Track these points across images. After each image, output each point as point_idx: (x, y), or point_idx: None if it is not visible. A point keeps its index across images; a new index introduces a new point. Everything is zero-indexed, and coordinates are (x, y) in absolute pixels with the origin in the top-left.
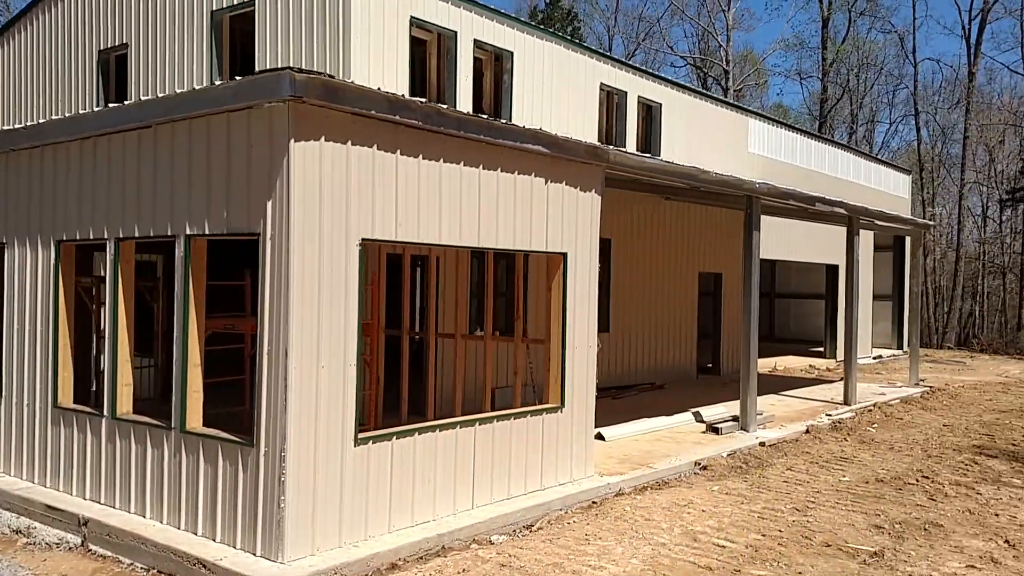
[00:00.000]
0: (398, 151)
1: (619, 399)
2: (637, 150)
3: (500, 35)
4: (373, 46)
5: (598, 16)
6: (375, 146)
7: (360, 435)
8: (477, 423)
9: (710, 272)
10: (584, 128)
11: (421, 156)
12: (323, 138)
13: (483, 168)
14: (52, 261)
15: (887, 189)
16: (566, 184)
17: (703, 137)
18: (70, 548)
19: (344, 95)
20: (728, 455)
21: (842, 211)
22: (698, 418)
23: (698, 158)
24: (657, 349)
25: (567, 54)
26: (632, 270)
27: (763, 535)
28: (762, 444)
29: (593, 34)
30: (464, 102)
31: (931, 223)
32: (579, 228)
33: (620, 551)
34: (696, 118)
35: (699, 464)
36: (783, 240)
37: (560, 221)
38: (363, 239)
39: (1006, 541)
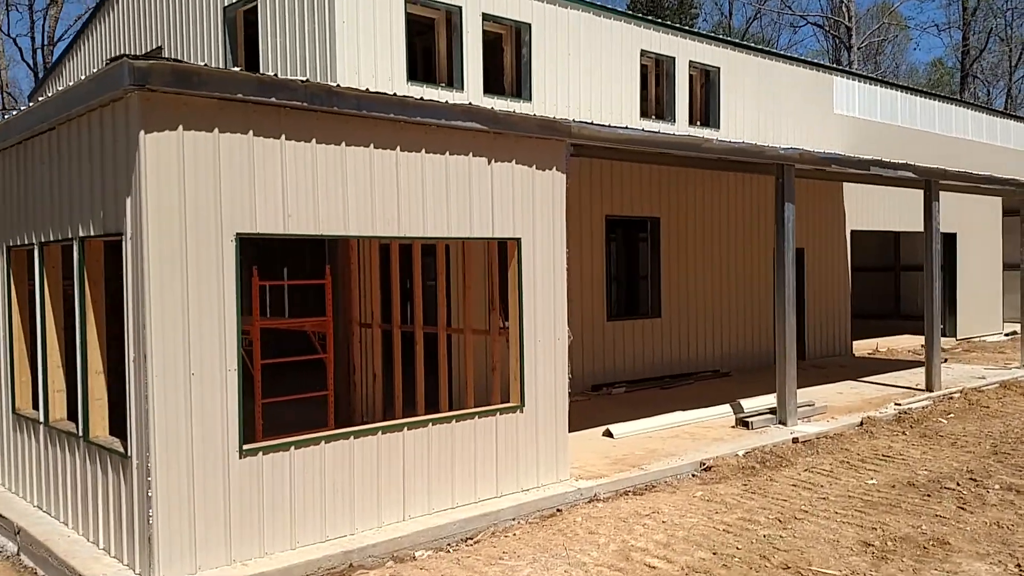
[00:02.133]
0: (283, 136)
1: (668, 388)
2: (691, 120)
3: (514, 6)
4: (363, 31)
5: None
6: (251, 132)
7: (247, 446)
8: (406, 428)
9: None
10: (623, 100)
11: (315, 140)
12: (181, 127)
13: (401, 150)
14: (3, 266)
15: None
16: (516, 163)
17: (775, 101)
18: (7, 557)
19: (203, 79)
20: (745, 454)
21: (909, 174)
22: (737, 410)
23: (770, 124)
24: (723, 333)
25: (596, 21)
26: (687, 249)
27: (714, 553)
28: (795, 440)
29: (713, 1)
30: (473, 82)
31: None
32: (537, 210)
33: (526, 574)
34: (765, 81)
35: (703, 465)
36: (897, 208)
37: (510, 204)
38: (239, 233)
39: (1018, 566)
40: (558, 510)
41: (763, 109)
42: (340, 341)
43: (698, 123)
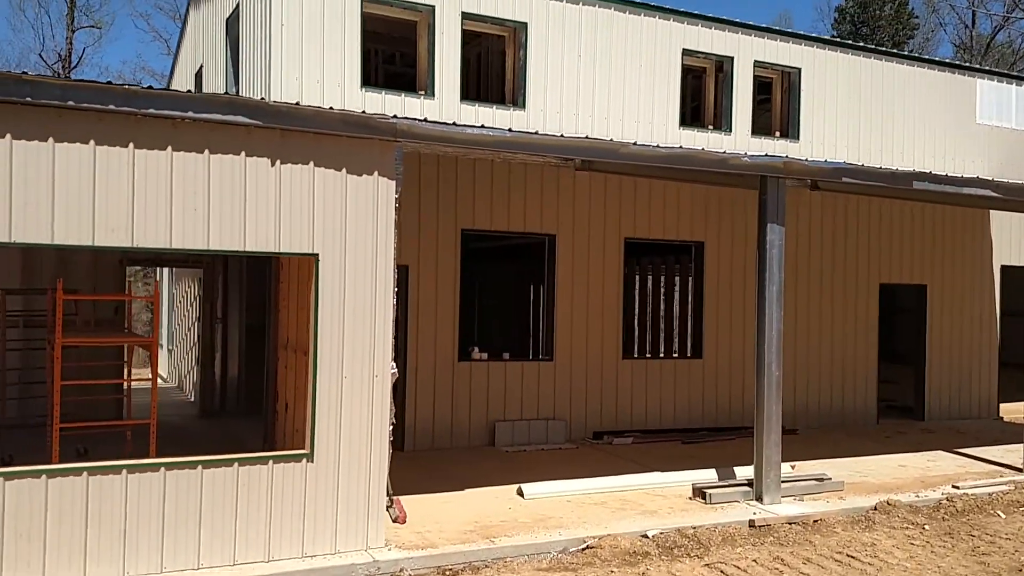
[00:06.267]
0: None
1: (691, 444)
2: (770, 131)
3: (507, 4)
4: (308, 34)
5: None
6: None
7: None
8: (125, 471)
9: (906, 284)
10: (654, 108)
11: (9, 136)
12: None
13: (136, 147)
14: None
15: None
16: (316, 166)
17: (884, 109)
18: None
19: None
20: (657, 535)
21: (984, 191)
22: (723, 476)
23: (874, 136)
24: (793, 383)
25: (617, 17)
26: (748, 281)
27: None
28: (752, 523)
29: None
30: (448, 88)
31: None
32: (349, 222)
33: None
34: (868, 85)
35: (584, 544)
36: None
37: (307, 214)
38: None
39: None
40: None
41: (864, 118)
42: (269, 366)
43: (777, 135)
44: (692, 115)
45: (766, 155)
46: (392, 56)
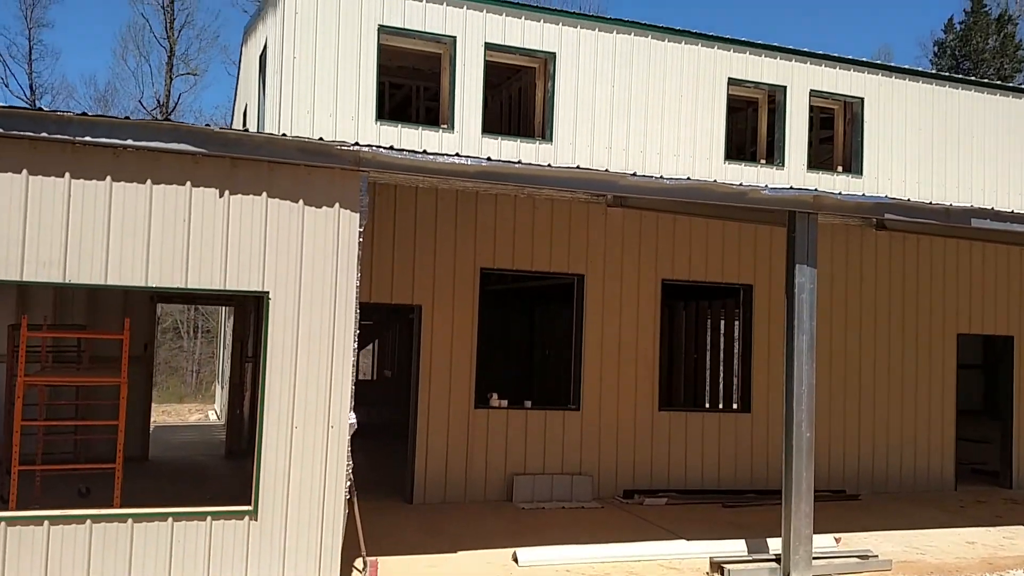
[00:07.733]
0: None
1: (732, 507)
2: (818, 166)
3: (534, 35)
4: (322, 67)
5: None
6: None
7: None
8: (47, 522)
9: (988, 335)
10: (696, 142)
11: None
12: None
13: (73, 178)
14: None
15: None
16: (270, 196)
17: (966, 140)
18: None
19: None
20: None
21: None
22: (755, 549)
23: (950, 172)
24: (863, 443)
25: (655, 45)
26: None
27: None
28: None
29: None
30: (470, 123)
31: None
32: (305, 258)
33: None
34: (945, 116)
35: None
36: None
37: (258, 249)
38: None
39: None
40: None
41: (938, 151)
42: None
43: (839, 169)
44: (753, 155)
45: (791, 188)
46: (437, 93)
